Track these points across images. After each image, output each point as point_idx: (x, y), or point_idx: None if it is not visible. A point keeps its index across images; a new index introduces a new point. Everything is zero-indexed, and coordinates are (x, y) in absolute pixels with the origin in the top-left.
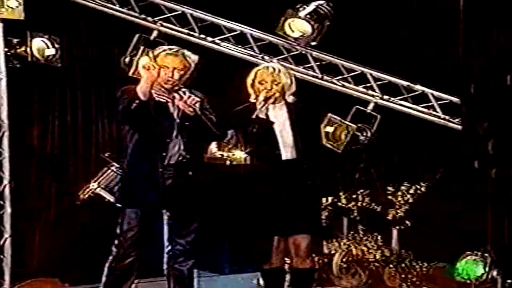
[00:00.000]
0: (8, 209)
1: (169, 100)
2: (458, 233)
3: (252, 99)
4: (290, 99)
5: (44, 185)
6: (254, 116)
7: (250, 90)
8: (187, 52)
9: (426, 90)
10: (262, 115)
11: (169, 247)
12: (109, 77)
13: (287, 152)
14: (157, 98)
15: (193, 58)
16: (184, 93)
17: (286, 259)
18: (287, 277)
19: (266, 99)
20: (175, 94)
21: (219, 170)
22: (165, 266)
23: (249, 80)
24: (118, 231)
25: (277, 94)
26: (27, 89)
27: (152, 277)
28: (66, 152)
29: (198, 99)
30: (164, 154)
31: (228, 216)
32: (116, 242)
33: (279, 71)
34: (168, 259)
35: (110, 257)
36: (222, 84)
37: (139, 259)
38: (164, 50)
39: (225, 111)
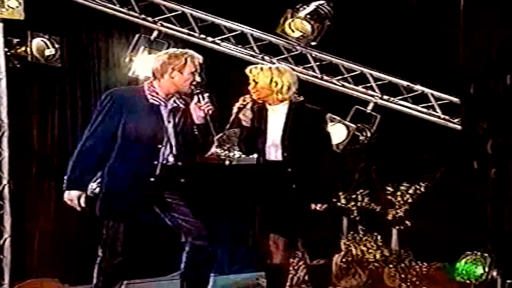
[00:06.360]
0: (8, 209)
1: (164, 102)
2: (458, 233)
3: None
4: (294, 98)
5: (44, 185)
6: (250, 117)
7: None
8: (193, 53)
9: (426, 90)
10: (259, 115)
11: (186, 253)
12: (109, 77)
13: (272, 153)
14: (150, 100)
15: (199, 58)
16: (203, 97)
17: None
18: (290, 276)
19: (255, 100)
20: (195, 97)
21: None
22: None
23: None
24: (104, 231)
25: (274, 95)
26: (27, 89)
27: (149, 278)
28: (66, 152)
29: (213, 107)
30: (156, 162)
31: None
32: (102, 244)
33: (279, 70)
34: (184, 266)
35: (98, 259)
36: (222, 84)
37: (129, 260)
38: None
39: (225, 112)
